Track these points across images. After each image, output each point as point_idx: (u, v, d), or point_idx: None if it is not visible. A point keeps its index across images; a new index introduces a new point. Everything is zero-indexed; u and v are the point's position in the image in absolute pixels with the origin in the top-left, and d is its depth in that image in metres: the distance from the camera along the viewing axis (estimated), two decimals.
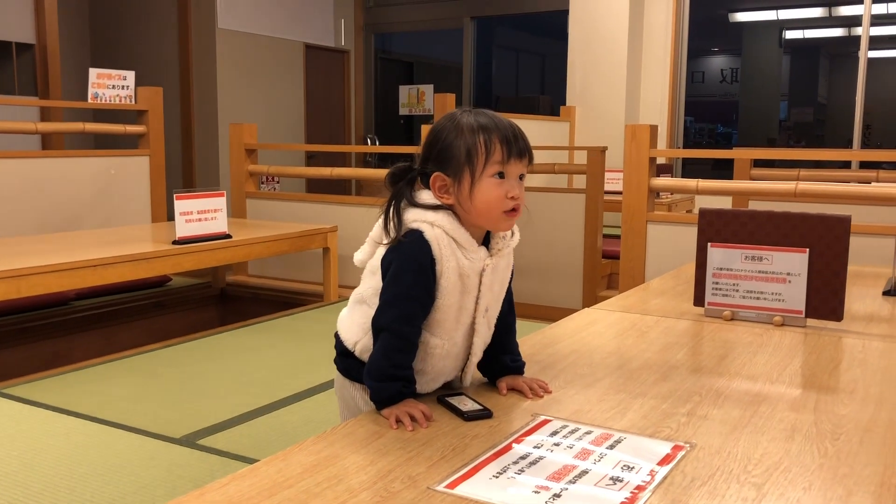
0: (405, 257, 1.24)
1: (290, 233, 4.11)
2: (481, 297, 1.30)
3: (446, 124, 1.29)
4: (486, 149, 1.25)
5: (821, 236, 1.82)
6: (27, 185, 4.22)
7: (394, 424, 1.18)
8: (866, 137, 6.70)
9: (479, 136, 1.26)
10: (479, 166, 1.25)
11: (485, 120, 1.28)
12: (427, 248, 1.24)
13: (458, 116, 1.30)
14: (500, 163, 1.26)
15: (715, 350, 1.66)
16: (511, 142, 1.27)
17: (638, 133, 3.77)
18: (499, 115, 1.31)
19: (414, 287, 1.23)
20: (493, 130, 1.26)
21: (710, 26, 9.86)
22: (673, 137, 6.65)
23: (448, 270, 1.25)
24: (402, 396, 1.23)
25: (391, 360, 1.24)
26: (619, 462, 1.07)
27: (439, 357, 1.29)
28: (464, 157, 1.26)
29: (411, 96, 8.01)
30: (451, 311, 1.27)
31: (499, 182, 1.26)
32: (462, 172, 1.26)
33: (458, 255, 1.26)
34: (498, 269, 1.32)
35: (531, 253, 4.39)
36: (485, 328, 1.34)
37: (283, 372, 3.06)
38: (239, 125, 5.06)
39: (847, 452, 1.11)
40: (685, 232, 3.60)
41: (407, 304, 1.24)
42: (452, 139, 1.27)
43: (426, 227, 1.25)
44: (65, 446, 2.27)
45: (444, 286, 1.25)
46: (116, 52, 7.06)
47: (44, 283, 2.95)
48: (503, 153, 1.26)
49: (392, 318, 1.24)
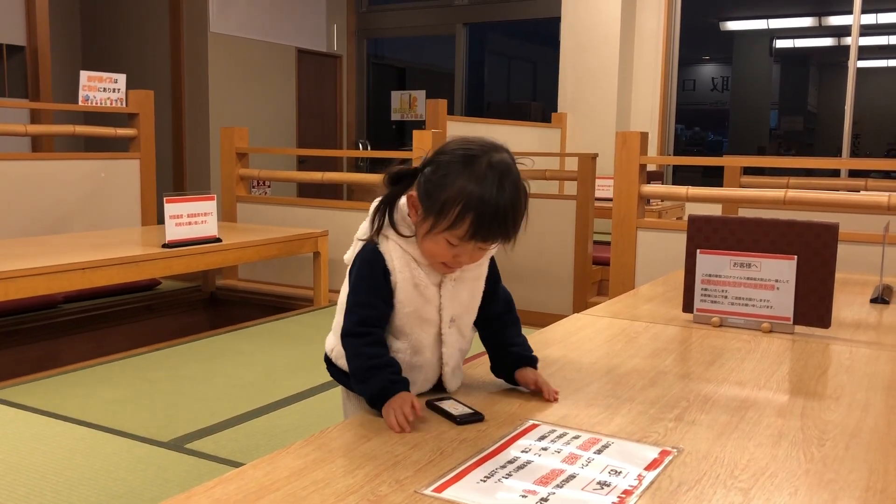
0: (361, 266, 1.26)
1: (281, 237, 4.10)
2: (444, 309, 1.29)
3: (457, 159, 1.20)
4: (455, 217, 1.17)
5: (809, 243, 1.83)
6: (16, 187, 4.20)
7: (395, 427, 1.16)
8: (855, 146, 6.75)
9: (461, 201, 1.16)
10: (441, 227, 1.19)
11: (489, 181, 1.16)
12: (380, 258, 1.25)
13: (472, 158, 1.19)
14: (460, 238, 1.19)
15: (703, 356, 1.67)
16: (483, 227, 1.17)
17: (628, 140, 3.79)
18: (513, 185, 1.18)
19: (369, 294, 1.25)
20: (482, 202, 1.16)
21: (702, 34, 9.92)
22: (664, 145, 6.68)
23: (403, 282, 1.25)
24: (394, 385, 1.21)
25: (363, 354, 1.24)
26: (607, 466, 1.07)
27: (408, 365, 1.29)
28: (437, 207, 1.19)
29: (403, 102, 8.02)
30: (411, 318, 1.28)
31: (451, 246, 1.21)
32: (428, 216, 1.21)
33: (412, 267, 1.26)
34: (463, 280, 1.30)
35: (521, 259, 4.40)
36: (454, 337, 1.32)
37: (272, 376, 3.06)
38: (230, 129, 5.06)
39: (833, 458, 1.12)
40: (675, 239, 3.61)
41: (363, 310, 1.25)
42: (448, 180, 1.18)
43: (382, 240, 1.26)
44: (52, 450, 2.26)
45: (399, 296, 1.26)
46: (108, 54, 7.04)
47: (32, 286, 2.94)
48: (467, 233, 1.17)
49: (352, 323, 1.25)
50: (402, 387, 1.21)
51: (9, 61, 6.03)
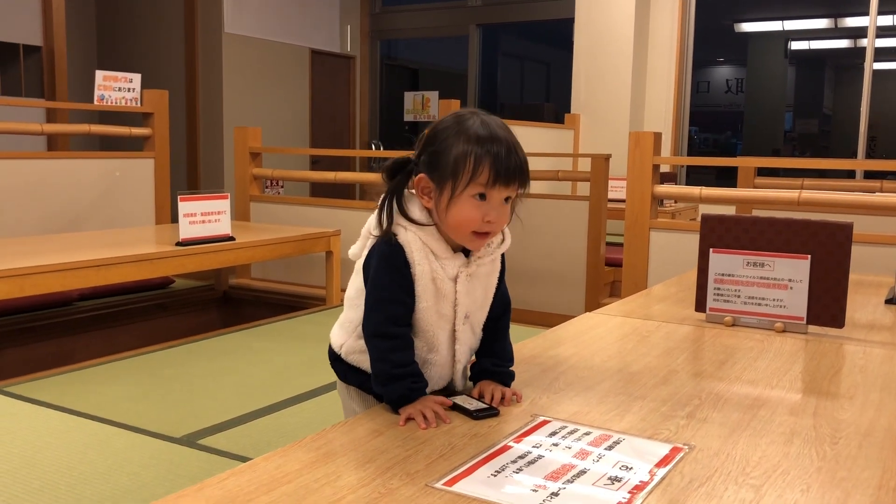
0: (381, 261, 1.24)
1: (294, 236, 4.11)
2: (458, 304, 1.28)
3: (450, 125, 1.24)
4: (473, 166, 1.20)
5: (822, 243, 1.82)
6: (32, 185, 4.24)
7: (402, 422, 1.18)
8: (871, 148, 6.70)
9: (472, 151, 1.20)
10: (462, 183, 1.21)
11: (485, 133, 1.21)
12: (400, 250, 1.24)
13: (463, 119, 1.24)
14: (484, 185, 1.21)
15: (716, 355, 1.66)
16: (502, 165, 1.20)
17: (642, 140, 3.78)
18: (502, 130, 1.24)
19: (392, 289, 1.24)
20: (487, 148, 1.20)
21: (716, 36, 9.88)
22: (677, 147, 6.65)
23: (421, 274, 1.24)
24: (413, 393, 1.22)
25: (389, 361, 1.24)
26: (618, 462, 1.07)
27: (423, 362, 1.29)
28: (450, 168, 1.21)
29: (416, 102, 8.03)
30: (428, 314, 1.27)
31: (478, 203, 1.22)
32: (445, 182, 1.22)
33: (430, 260, 1.25)
34: (477, 275, 1.30)
35: (534, 260, 4.39)
36: (467, 334, 1.32)
37: (284, 374, 3.07)
38: (244, 129, 5.08)
39: (846, 456, 1.11)
40: (688, 239, 3.60)
41: (390, 306, 1.24)
42: (450, 144, 1.22)
43: (400, 231, 1.25)
44: (65, 444, 2.27)
45: (418, 290, 1.25)
46: (123, 54, 7.08)
47: (47, 283, 2.96)
48: (490, 176, 1.20)
49: (378, 322, 1.24)
50: (420, 394, 1.23)
51: (25, 61, 6.08)
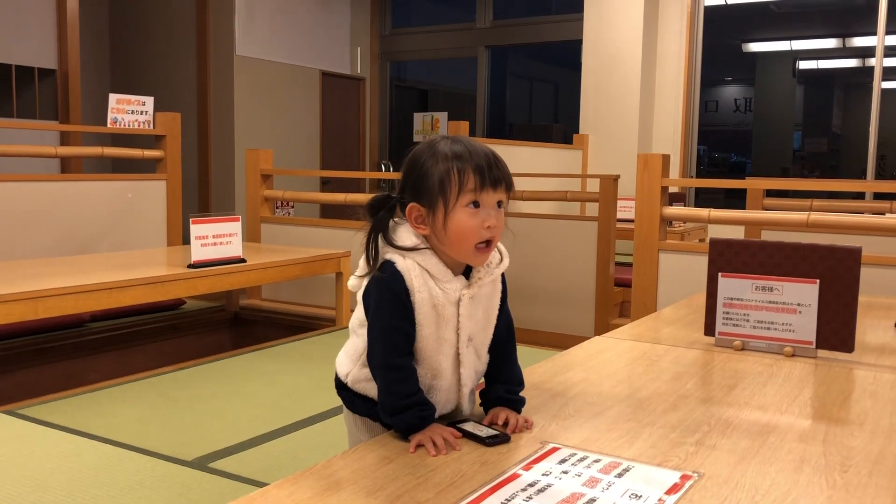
0: (380, 290, 1.25)
1: (304, 257, 4.13)
2: (461, 328, 1.29)
3: (424, 151, 1.28)
4: (458, 178, 1.24)
5: (831, 267, 1.82)
6: (46, 207, 4.28)
7: (432, 451, 1.19)
8: (881, 168, 6.69)
9: (453, 165, 1.24)
10: (453, 196, 1.24)
11: (459, 148, 1.26)
12: (400, 278, 1.25)
13: (435, 144, 1.28)
14: (474, 191, 1.24)
15: (725, 380, 1.66)
16: (485, 170, 1.24)
17: (650, 162, 3.79)
18: (476, 143, 1.28)
19: (393, 318, 1.25)
20: (466, 159, 1.24)
21: (724, 56, 9.91)
22: (686, 166, 6.67)
23: (421, 302, 1.25)
24: (422, 422, 1.23)
25: (395, 392, 1.25)
26: (628, 490, 1.07)
27: (428, 388, 1.29)
28: (437, 187, 1.24)
29: (426, 123, 8.07)
30: (430, 341, 1.27)
31: (473, 212, 1.25)
32: (436, 202, 1.25)
33: (430, 286, 1.26)
34: (479, 297, 1.31)
35: (544, 280, 4.40)
36: (471, 358, 1.33)
37: (294, 396, 3.07)
38: (255, 151, 5.12)
39: (856, 484, 1.11)
40: (697, 260, 3.60)
41: (391, 336, 1.25)
42: (430, 166, 1.26)
43: (398, 259, 1.26)
44: (77, 467, 2.28)
45: (419, 318, 1.25)
46: (136, 77, 7.16)
47: (60, 305, 2.99)
48: (477, 181, 1.24)
49: (382, 353, 1.25)
50: (429, 421, 1.24)
51: (40, 84, 6.16)
